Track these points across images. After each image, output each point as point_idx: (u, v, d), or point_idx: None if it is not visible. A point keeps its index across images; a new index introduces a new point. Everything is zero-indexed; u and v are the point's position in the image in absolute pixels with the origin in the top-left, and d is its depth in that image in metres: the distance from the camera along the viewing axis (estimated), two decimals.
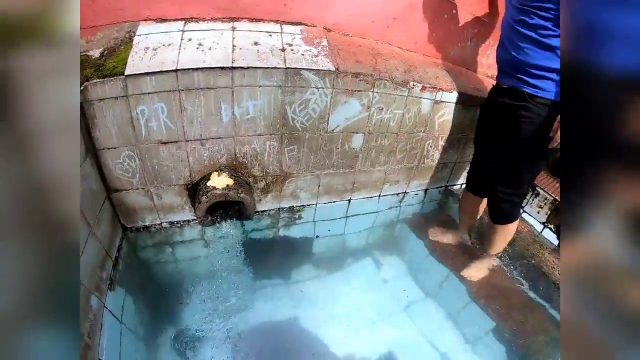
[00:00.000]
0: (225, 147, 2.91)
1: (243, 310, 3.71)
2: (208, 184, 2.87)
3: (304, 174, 3.39)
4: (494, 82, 2.90)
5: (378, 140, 3.41)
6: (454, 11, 3.43)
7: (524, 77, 2.49)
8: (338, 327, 3.70)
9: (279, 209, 3.60)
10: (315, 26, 2.99)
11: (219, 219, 3.15)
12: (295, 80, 2.71)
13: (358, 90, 2.96)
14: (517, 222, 3.17)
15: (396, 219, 4.83)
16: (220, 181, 3.11)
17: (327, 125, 3.09)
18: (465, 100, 3.53)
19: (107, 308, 2.36)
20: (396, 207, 4.65)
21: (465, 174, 4.62)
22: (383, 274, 4.49)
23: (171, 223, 3.25)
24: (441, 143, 3.89)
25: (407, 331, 3.81)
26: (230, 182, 3.11)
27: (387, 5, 3.08)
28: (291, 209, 3.68)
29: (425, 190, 4.61)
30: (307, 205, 3.70)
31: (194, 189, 3.00)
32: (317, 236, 4.40)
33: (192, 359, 3.39)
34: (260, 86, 2.65)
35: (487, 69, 4.12)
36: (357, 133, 3.23)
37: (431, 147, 3.87)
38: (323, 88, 2.84)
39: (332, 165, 3.40)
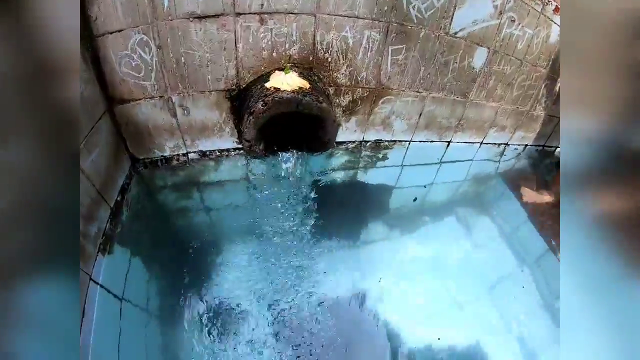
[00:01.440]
0: (299, 29, 2.21)
1: (297, 281, 3.16)
2: (267, 85, 2.12)
3: (406, 93, 2.80)
4: None
5: (501, 64, 2.97)
6: None
7: None
8: (416, 307, 3.28)
9: (361, 142, 3.04)
10: None
11: (275, 148, 2.46)
12: None
13: None
14: None
15: (492, 174, 4.24)
16: (288, 81, 2.08)
17: (450, 24, 2.52)
18: None
19: (95, 282, 1.83)
20: (494, 159, 4.05)
21: None
22: (473, 238, 4.05)
23: (203, 153, 2.64)
24: (556, 89, 3.50)
25: (495, 317, 3.37)
26: (305, 84, 2.10)
27: None
28: (377, 145, 3.13)
29: (525, 146, 4.12)
30: (399, 141, 3.16)
31: (241, 97, 2.30)
32: (415, 199, 3.79)
33: (225, 344, 2.78)
34: None
35: None
36: (481, 46, 2.75)
37: (547, 90, 3.47)
38: None
39: (444, 86, 2.90)
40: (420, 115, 3.04)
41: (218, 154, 2.69)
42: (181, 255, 2.94)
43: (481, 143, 3.67)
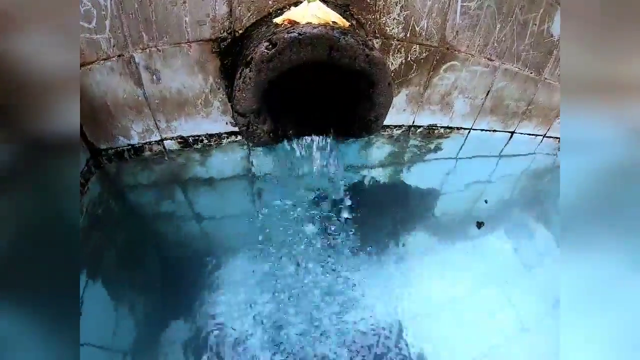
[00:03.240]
0: None
1: (318, 316, 2.69)
2: (277, 20, 1.50)
3: (475, 59, 2.31)
4: None
5: None
6: None
7: None
8: (467, 338, 2.89)
9: (410, 127, 2.52)
10: None
11: (289, 131, 1.80)
12: None
13: None
14: None
15: (550, 173, 3.91)
16: (313, 11, 1.42)
17: None
18: None
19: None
20: (554, 154, 3.71)
21: None
22: (530, 251, 3.75)
23: (184, 140, 2.13)
24: None
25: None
26: (341, 20, 1.46)
27: None
28: (430, 131, 2.64)
29: None
30: (457, 128, 2.68)
31: (236, 51, 1.67)
32: (486, 201, 3.54)
33: None
34: None
35: None
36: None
37: None
38: None
39: (519, 56, 2.50)
40: (488, 93, 2.59)
41: (205, 140, 2.17)
42: (159, 281, 2.52)
43: (544, 136, 3.33)
